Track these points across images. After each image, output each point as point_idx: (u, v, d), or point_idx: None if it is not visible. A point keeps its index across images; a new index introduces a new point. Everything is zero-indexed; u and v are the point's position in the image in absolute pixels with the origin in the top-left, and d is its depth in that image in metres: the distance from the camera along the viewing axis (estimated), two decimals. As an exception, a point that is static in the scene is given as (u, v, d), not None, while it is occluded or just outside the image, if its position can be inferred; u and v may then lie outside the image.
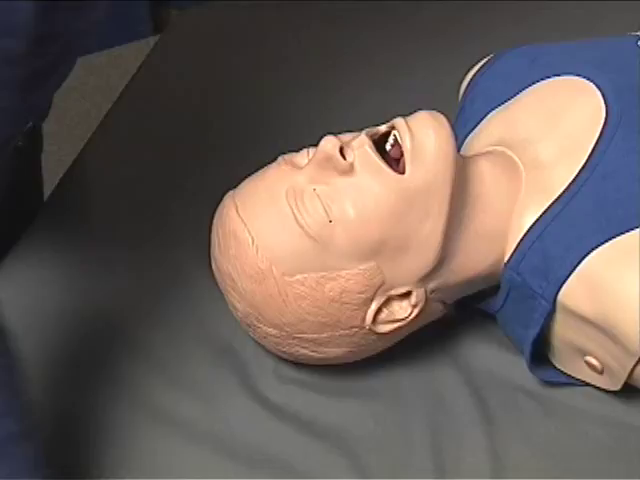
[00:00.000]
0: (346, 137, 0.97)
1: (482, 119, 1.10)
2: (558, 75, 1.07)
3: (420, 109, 0.98)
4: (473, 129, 1.10)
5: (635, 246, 0.94)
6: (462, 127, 1.12)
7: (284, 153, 1.00)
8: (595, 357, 0.98)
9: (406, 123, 0.96)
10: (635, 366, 0.95)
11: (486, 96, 1.11)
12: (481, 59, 1.17)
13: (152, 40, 1.66)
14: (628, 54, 1.08)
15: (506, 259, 1.00)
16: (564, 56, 1.10)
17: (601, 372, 0.99)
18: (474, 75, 1.15)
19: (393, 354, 1.04)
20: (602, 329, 0.95)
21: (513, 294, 1.01)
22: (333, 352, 1.00)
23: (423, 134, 0.95)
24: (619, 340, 0.94)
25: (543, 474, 0.97)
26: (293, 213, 0.95)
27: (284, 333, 0.99)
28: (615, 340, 0.94)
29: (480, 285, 1.03)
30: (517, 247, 1.00)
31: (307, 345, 0.99)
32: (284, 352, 1.02)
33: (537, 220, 0.99)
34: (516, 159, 1.04)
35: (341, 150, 0.95)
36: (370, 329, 0.98)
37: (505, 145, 1.05)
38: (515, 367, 1.03)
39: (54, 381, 1.04)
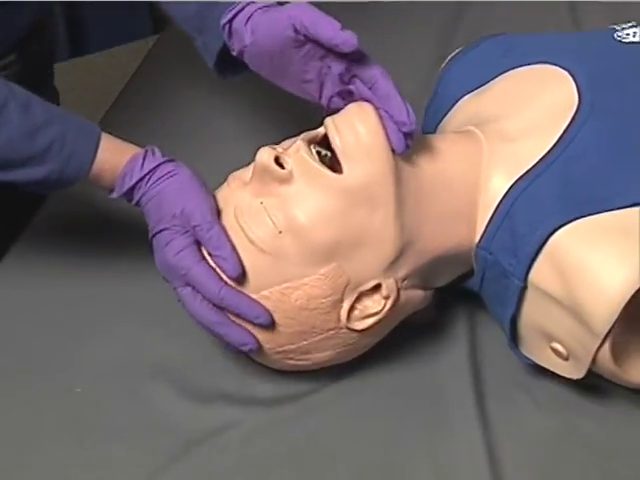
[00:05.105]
0: (285, 144, 0.97)
1: (454, 105, 1.10)
2: (532, 64, 1.07)
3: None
4: (445, 115, 1.11)
5: (601, 226, 0.93)
6: (434, 112, 1.12)
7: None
8: (561, 343, 0.97)
9: (333, 122, 0.96)
10: (598, 350, 0.94)
11: (459, 82, 1.11)
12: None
13: (152, 40, 1.66)
14: (604, 45, 1.08)
15: (477, 238, 1.00)
16: (539, 45, 1.10)
17: (566, 358, 0.98)
18: (448, 61, 1.15)
19: (388, 350, 1.04)
20: (569, 309, 0.94)
21: (488, 274, 1.00)
22: (320, 357, 1.00)
23: (349, 130, 0.95)
24: (584, 320, 0.92)
25: (539, 469, 0.97)
26: (243, 230, 0.95)
27: (266, 351, 0.98)
28: (581, 320, 0.93)
29: (454, 267, 1.02)
30: (487, 225, 0.99)
31: (292, 356, 0.99)
32: (274, 366, 1.02)
33: (504, 196, 0.98)
34: (478, 133, 1.03)
35: (278, 159, 0.95)
36: (348, 328, 0.97)
37: (471, 124, 1.04)
38: (512, 361, 1.03)
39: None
